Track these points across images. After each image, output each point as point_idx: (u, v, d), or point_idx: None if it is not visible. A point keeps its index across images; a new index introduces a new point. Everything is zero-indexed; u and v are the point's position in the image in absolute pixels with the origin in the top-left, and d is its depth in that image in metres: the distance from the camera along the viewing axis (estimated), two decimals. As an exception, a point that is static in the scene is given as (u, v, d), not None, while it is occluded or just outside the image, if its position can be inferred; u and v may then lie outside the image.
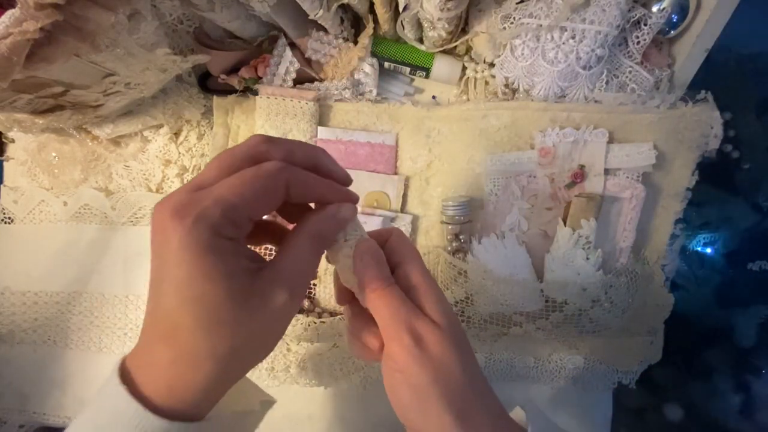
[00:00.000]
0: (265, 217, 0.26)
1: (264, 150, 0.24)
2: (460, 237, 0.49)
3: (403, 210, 0.51)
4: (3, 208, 0.55)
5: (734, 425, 0.59)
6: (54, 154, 0.54)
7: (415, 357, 0.25)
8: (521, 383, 0.54)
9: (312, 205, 0.28)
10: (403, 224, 0.50)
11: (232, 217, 0.22)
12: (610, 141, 0.46)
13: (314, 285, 0.51)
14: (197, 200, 0.22)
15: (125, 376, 0.24)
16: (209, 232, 0.21)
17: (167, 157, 0.53)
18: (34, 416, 0.55)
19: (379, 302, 0.26)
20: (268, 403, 0.34)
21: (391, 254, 0.28)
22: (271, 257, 0.26)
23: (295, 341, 0.51)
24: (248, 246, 0.28)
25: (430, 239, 0.52)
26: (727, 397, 0.59)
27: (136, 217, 0.54)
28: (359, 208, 0.50)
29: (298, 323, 0.49)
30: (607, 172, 0.47)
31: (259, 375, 0.52)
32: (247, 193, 0.22)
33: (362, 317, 0.29)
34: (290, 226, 0.27)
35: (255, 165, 0.24)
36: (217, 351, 0.22)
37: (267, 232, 0.30)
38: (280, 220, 0.30)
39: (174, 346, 0.22)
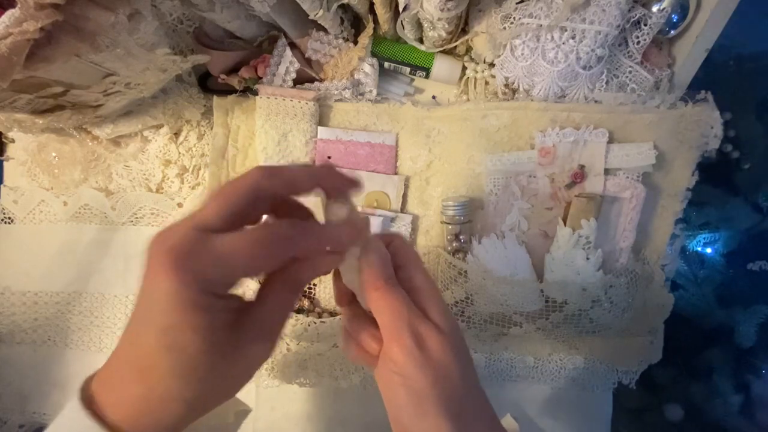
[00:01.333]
0: None
1: (266, 187, 0.24)
2: (460, 237, 0.49)
3: (403, 210, 0.51)
4: (3, 208, 0.55)
5: (734, 425, 0.59)
6: (54, 154, 0.54)
7: (416, 359, 0.25)
8: (521, 383, 0.54)
9: None
10: (403, 224, 0.50)
11: (229, 281, 0.22)
12: (610, 141, 0.46)
13: (314, 285, 0.51)
14: (198, 253, 0.21)
15: (88, 399, 0.24)
16: (203, 291, 0.21)
17: (167, 157, 0.53)
18: (34, 416, 0.55)
19: (381, 302, 0.26)
20: (243, 413, 0.34)
21: (393, 257, 0.28)
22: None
23: (295, 341, 0.51)
24: None
25: (430, 239, 0.52)
26: (727, 397, 0.59)
27: (136, 217, 0.54)
28: (359, 209, 0.50)
29: (298, 323, 0.49)
30: (607, 172, 0.47)
31: (258, 375, 0.52)
32: (250, 260, 0.22)
33: (361, 319, 0.29)
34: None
35: (257, 204, 0.24)
36: (188, 395, 0.23)
37: None
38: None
39: (145, 385, 0.22)
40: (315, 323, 0.49)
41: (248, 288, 0.44)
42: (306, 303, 0.51)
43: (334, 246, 0.26)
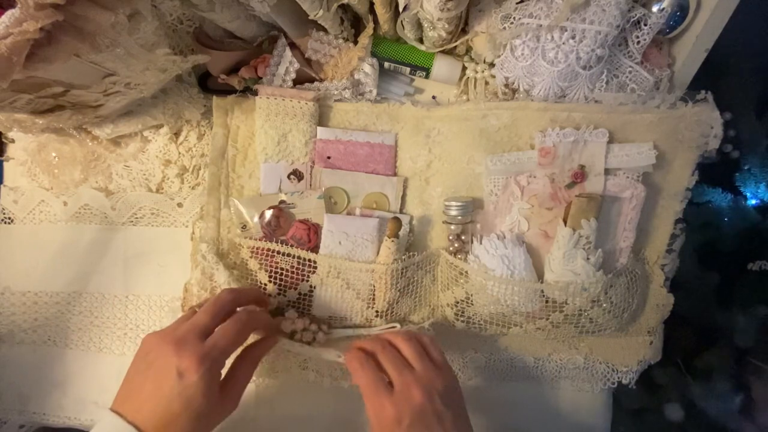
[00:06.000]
0: None
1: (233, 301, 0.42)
2: (462, 237, 0.49)
3: (402, 210, 0.51)
4: (3, 208, 0.55)
5: (734, 425, 0.59)
6: (54, 154, 0.54)
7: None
8: (521, 383, 0.54)
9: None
10: (403, 224, 0.50)
11: (226, 357, 0.39)
12: (610, 141, 0.46)
13: (313, 288, 0.51)
14: (207, 354, 0.37)
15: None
16: (216, 370, 0.38)
17: (167, 157, 0.53)
18: (34, 416, 0.55)
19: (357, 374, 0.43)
20: None
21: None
22: None
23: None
24: None
25: (430, 240, 0.52)
26: (727, 397, 0.59)
27: (136, 217, 0.54)
28: (358, 211, 0.50)
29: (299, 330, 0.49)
30: (607, 172, 0.47)
31: (258, 375, 0.52)
32: (234, 340, 0.40)
33: None
34: None
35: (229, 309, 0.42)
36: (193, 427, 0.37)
37: None
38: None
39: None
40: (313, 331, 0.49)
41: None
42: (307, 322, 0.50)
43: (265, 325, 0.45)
